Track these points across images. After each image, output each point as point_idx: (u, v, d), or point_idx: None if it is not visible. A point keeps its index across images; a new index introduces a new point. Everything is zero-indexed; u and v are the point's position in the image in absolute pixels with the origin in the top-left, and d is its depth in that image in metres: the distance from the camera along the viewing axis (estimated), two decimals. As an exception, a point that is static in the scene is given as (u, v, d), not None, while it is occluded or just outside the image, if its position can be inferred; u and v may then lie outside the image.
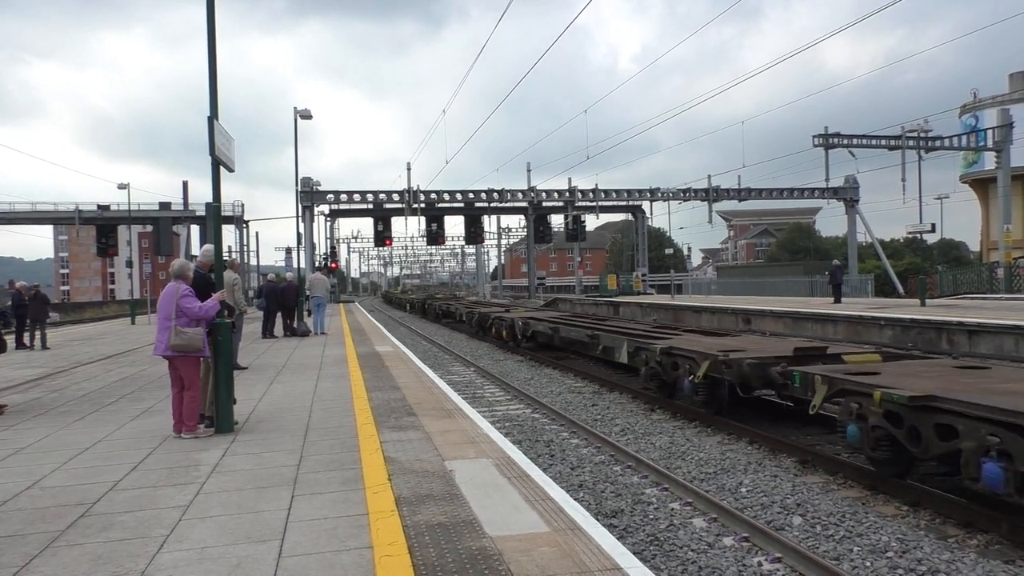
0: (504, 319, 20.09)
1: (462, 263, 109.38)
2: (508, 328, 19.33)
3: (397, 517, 4.22)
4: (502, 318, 20.38)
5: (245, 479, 5.17)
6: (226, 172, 7.18)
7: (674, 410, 10.31)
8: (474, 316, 24.07)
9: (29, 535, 4.12)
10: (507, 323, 19.54)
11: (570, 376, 14.48)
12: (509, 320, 19.49)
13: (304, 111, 25.24)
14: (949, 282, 34.27)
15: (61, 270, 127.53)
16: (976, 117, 46.03)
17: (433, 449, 5.91)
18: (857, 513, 5.88)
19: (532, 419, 10.21)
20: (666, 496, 6.50)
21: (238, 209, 51.67)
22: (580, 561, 3.52)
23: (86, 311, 67.03)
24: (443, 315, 32.44)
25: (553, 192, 45.64)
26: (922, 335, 17.10)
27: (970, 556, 5.00)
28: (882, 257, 45.14)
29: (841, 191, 44.64)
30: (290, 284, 20.50)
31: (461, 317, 26.78)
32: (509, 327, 19.23)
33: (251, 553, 3.74)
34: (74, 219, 47.61)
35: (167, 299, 6.56)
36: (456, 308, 30.52)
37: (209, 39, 6.81)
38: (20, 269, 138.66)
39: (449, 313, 31.99)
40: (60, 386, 10.50)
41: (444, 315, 32.38)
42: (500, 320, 20.41)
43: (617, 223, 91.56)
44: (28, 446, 6.50)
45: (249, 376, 10.96)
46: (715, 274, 74.22)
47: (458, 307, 30.77)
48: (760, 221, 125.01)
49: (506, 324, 19.61)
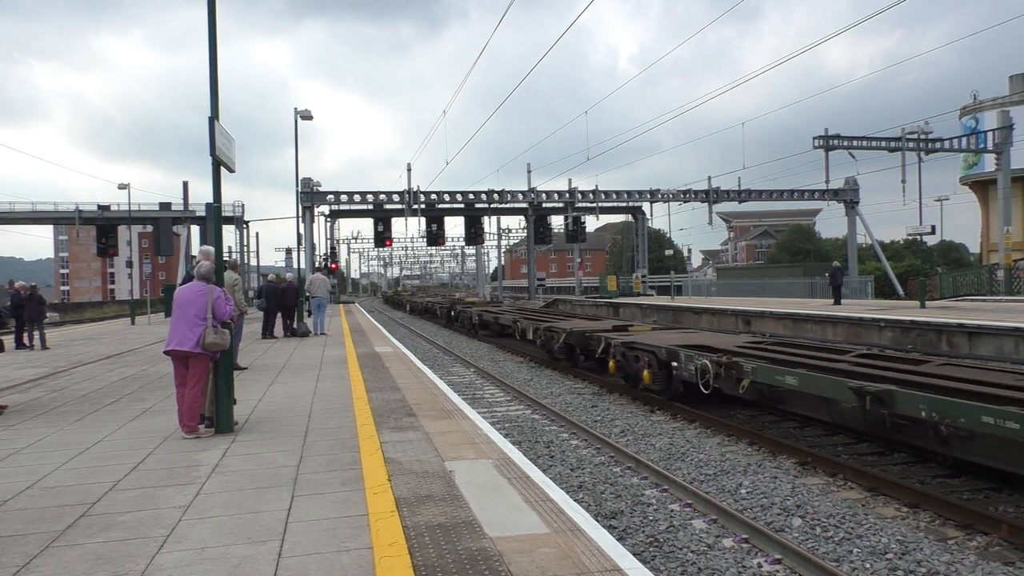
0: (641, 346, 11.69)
1: (462, 264, 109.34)
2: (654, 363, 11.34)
3: (397, 518, 4.22)
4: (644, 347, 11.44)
5: (245, 479, 5.17)
6: (226, 172, 7.18)
7: (674, 411, 10.32)
8: (557, 337, 15.10)
9: (29, 535, 4.12)
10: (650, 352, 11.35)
11: (570, 377, 14.48)
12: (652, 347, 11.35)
13: (304, 112, 25.22)
14: (949, 284, 34.25)
15: (61, 270, 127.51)
16: (976, 119, 46.03)
17: (433, 450, 5.91)
18: (857, 515, 5.88)
19: (532, 420, 10.22)
20: (666, 497, 6.51)
21: (238, 209, 51.64)
22: (580, 562, 3.52)
23: (86, 311, 67.12)
24: (481, 326, 24.81)
25: (553, 193, 45.62)
26: (922, 337, 17.10)
27: (970, 558, 5.00)
28: (882, 259, 45.10)
29: (841, 193, 44.61)
30: (290, 284, 20.50)
31: (523, 333, 18.17)
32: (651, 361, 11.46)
33: (251, 553, 3.74)
34: (74, 219, 47.53)
35: (197, 297, 6.59)
36: (511, 320, 20.64)
37: (210, 40, 6.81)
38: (20, 269, 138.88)
39: (487, 324, 24.29)
40: (60, 386, 10.50)
41: (482, 326, 24.68)
42: (637, 349, 11.64)
43: (617, 224, 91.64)
44: (28, 446, 6.50)
45: (249, 376, 10.96)
46: (715, 275, 74.21)
47: (514, 318, 20.46)
48: (760, 223, 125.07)
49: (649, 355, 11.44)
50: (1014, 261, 32.76)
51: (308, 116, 25.36)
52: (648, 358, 10.85)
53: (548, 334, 15.89)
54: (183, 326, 6.54)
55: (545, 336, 16.07)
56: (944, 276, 36.51)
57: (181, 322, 6.56)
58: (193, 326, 6.51)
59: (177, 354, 6.64)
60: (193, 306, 6.57)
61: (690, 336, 12.76)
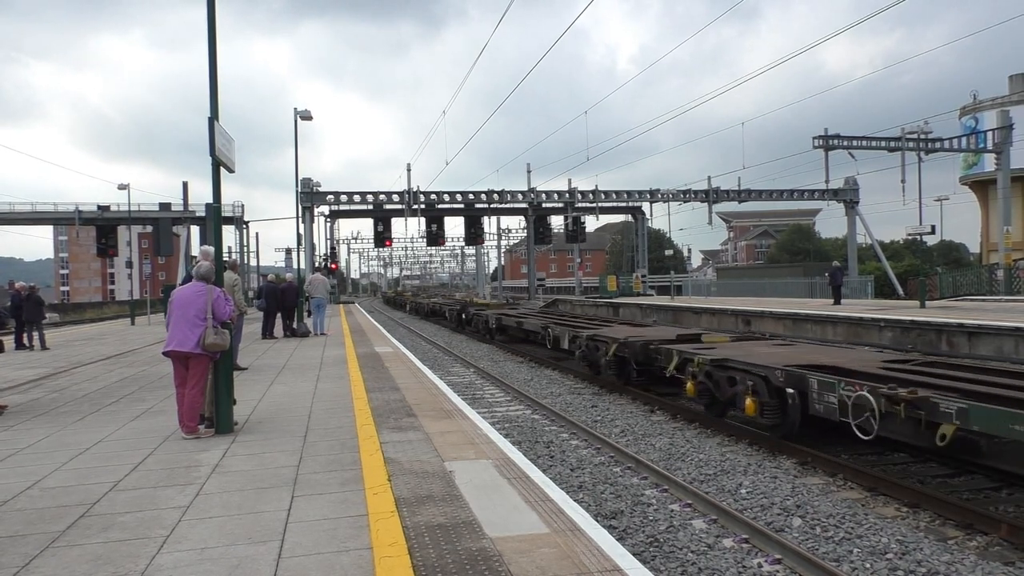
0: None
1: (462, 264, 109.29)
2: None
3: (397, 518, 4.22)
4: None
5: (245, 480, 5.17)
6: (226, 173, 7.17)
7: (674, 411, 10.32)
8: (604, 348, 12.39)
9: (29, 535, 4.12)
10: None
11: (570, 377, 14.48)
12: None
13: (304, 112, 25.22)
14: (949, 284, 34.25)
15: (61, 270, 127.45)
16: (976, 119, 46.04)
17: (433, 450, 5.91)
18: (857, 514, 5.88)
19: (532, 420, 10.22)
20: (666, 497, 6.51)
21: (238, 210, 51.65)
22: (580, 562, 3.52)
23: (86, 311, 67.07)
24: (498, 331, 22.14)
25: (553, 193, 45.62)
26: (922, 337, 17.11)
27: (970, 558, 5.00)
28: (882, 259, 45.11)
29: (841, 192, 44.62)
30: (290, 285, 20.50)
31: (555, 342, 15.61)
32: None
33: (251, 554, 3.74)
34: (74, 219, 47.51)
35: (197, 297, 6.58)
36: (539, 325, 17.54)
37: (209, 40, 6.81)
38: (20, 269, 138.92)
39: (505, 329, 21.55)
40: (60, 386, 10.50)
41: (499, 331, 22.11)
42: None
43: (617, 224, 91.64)
44: (28, 446, 6.50)
45: (249, 377, 10.96)
46: (715, 275, 74.22)
47: (544, 324, 17.30)
48: (760, 222, 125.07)
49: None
50: (1014, 261, 32.75)
51: (308, 116, 25.36)
52: (753, 382, 8.06)
53: (592, 344, 12.94)
54: (183, 327, 6.53)
55: (588, 347, 13.08)
56: (944, 276, 36.52)
57: (181, 323, 6.55)
58: (193, 327, 6.51)
59: (177, 355, 6.64)
60: (193, 307, 6.56)
61: (799, 352, 9.57)
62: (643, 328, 14.90)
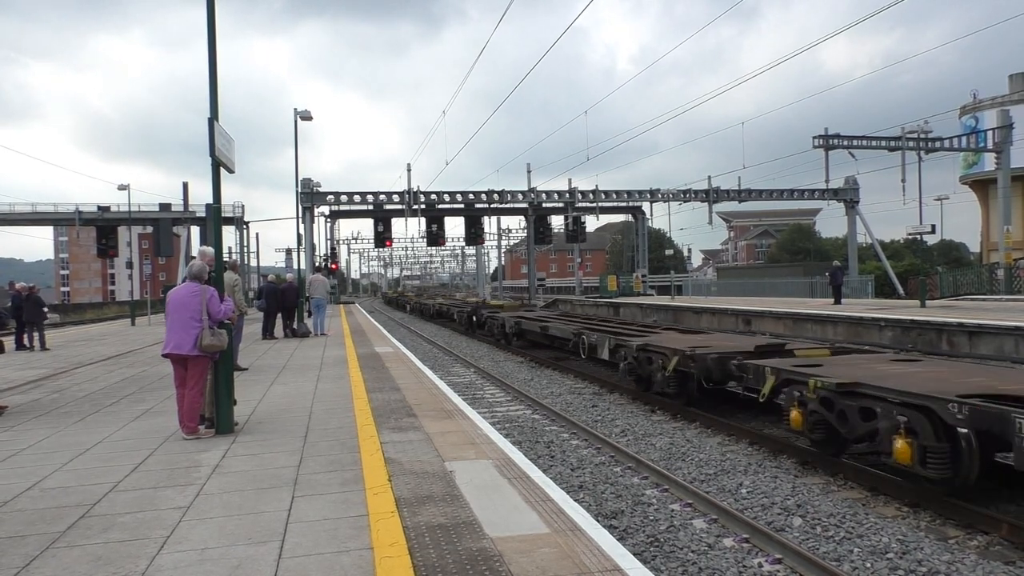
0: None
1: (462, 264, 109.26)
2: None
3: (397, 518, 4.22)
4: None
5: (245, 480, 5.17)
6: (226, 173, 7.17)
7: (674, 411, 10.31)
8: (661, 360, 10.32)
9: (29, 536, 4.12)
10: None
11: (570, 377, 14.48)
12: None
13: (304, 112, 25.23)
14: (949, 283, 34.26)
15: (61, 271, 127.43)
16: (976, 118, 46.05)
17: (433, 450, 5.91)
18: (857, 514, 5.88)
19: (532, 420, 10.22)
20: (666, 497, 6.51)
21: (238, 210, 51.66)
22: (580, 562, 3.52)
23: (86, 312, 67.08)
24: (516, 335, 19.42)
25: (553, 193, 45.61)
26: (922, 336, 17.10)
27: (970, 557, 5.00)
28: (882, 258, 45.11)
29: (841, 192, 44.60)
30: (290, 285, 20.50)
31: (592, 350, 13.29)
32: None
33: (251, 554, 3.74)
34: (74, 220, 47.50)
35: (191, 299, 6.56)
36: (571, 331, 14.83)
37: (209, 40, 6.81)
38: (20, 270, 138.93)
39: (523, 334, 19.04)
40: (61, 387, 10.50)
41: (517, 335, 19.34)
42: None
43: (617, 224, 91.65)
44: (29, 447, 6.50)
45: (249, 377, 10.96)
46: (715, 275, 74.21)
47: (576, 329, 14.63)
48: (760, 222, 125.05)
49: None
50: (1014, 260, 32.74)
51: (308, 116, 25.37)
52: (908, 418, 5.87)
53: (643, 356, 10.75)
54: (179, 329, 6.54)
55: (638, 359, 10.86)
56: (944, 275, 36.53)
57: (177, 325, 6.55)
58: (189, 328, 6.50)
59: (175, 357, 6.64)
60: (188, 308, 6.55)
61: (946, 372, 7.33)
62: (701, 336, 12.38)
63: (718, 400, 10.12)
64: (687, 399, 9.89)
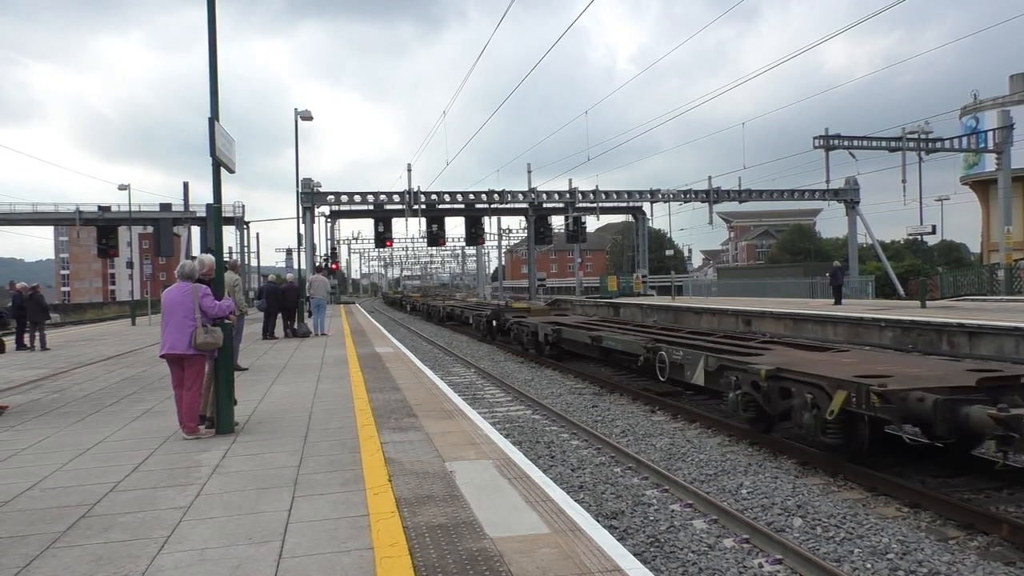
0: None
1: (462, 264, 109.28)
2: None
3: (398, 518, 4.22)
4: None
5: (246, 480, 5.17)
6: (226, 173, 7.17)
7: (675, 411, 10.31)
8: (814, 401, 6.96)
9: (30, 536, 4.12)
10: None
11: (570, 377, 14.47)
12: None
13: (304, 112, 25.24)
14: (950, 284, 34.25)
15: (62, 271, 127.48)
16: (977, 119, 46.02)
17: (433, 450, 5.91)
18: (858, 515, 5.88)
19: (533, 420, 10.22)
20: (667, 497, 6.50)
21: (239, 210, 51.70)
22: (581, 562, 3.52)
23: (87, 312, 67.12)
24: (549, 344, 16.12)
25: (554, 193, 45.63)
26: (922, 337, 17.10)
27: (971, 558, 4.99)
28: (883, 259, 45.11)
29: (841, 192, 44.60)
30: (290, 285, 20.51)
31: (710, 378, 9.19)
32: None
33: (251, 554, 3.74)
34: (75, 220, 47.55)
35: (185, 298, 6.56)
36: (640, 343, 11.47)
37: (210, 41, 6.81)
38: (21, 270, 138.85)
39: (557, 343, 15.82)
40: (61, 387, 10.50)
41: (552, 345, 16.02)
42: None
43: (617, 224, 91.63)
44: (29, 447, 6.50)
45: (249, 377, 10.96)
46: (715, 275, 74.21)
47: (650, 345, 11.10)
48: (761, 223, 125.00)
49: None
50: (1015, 261, 32.73)
51: (308, 116, 25.39)
52: None
53: (776, 386, 7.49)
54: (173, 329, 6.54)
55: (766, 390, 7.61)
56: (944, 276, 36.51)
57: (171, 325, 6.56)
58: (183, 328, 6.51)
59: (172, 357, 6.64)
60: (181, 308, 6.55)
61: None
62: (847, 355, 8.91)
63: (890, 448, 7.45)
64: (856, 451, 6.74)
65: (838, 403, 6.48)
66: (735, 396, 8.20)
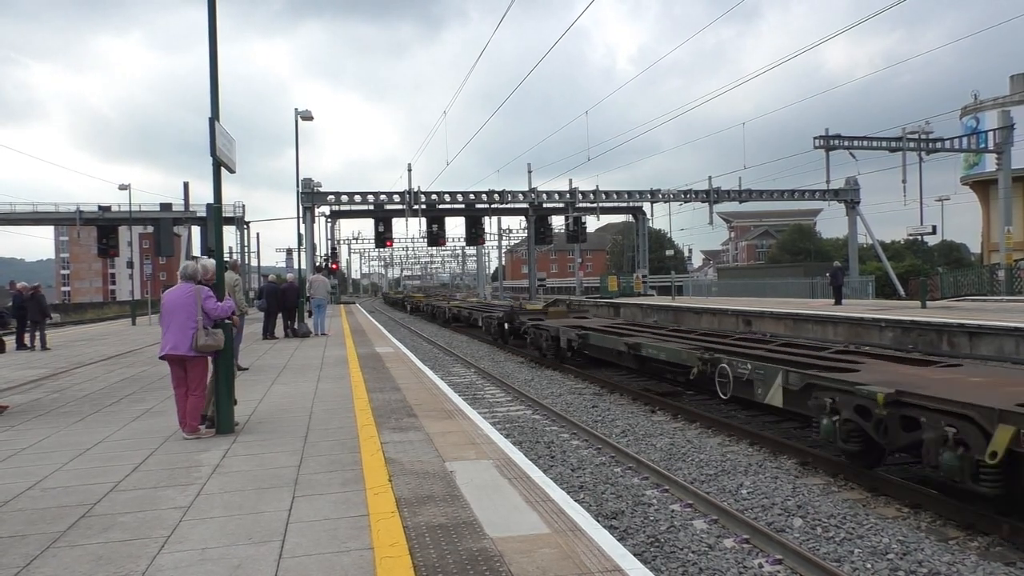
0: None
1: (463, 264, 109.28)
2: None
3: (398, 518, 4.22)
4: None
5: (246, 480, 5.17)
6: (226, 173, 7.17)
7: (675, 411, 10.30)
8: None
9: (30, 536, 4.12)
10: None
11: (570, 377, 14.47)
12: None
13: (305, 112, 25.26)
14: (950, 284, 34.24)
15: (62, 271, 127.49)
16: (977, 119, 46.01)
17: (434, 450, 5.91)
18: (858, 515, 5.88)
19: (533, 420, 10.21)
20: (667, 497, 6.50)
21: (239, 210, 51.68)
22: (581, 562, 3.52)
23: (87, 312, 67.14)
24: (571, 351, 14.68)
25: (554, 193, 45.65)
26: (923, 337, 17.10)
27: (971, 558, 4.99)
28: (883, 259, 45.11)
29: (842, 193, 44.60)
30: (291, 285, 20.51)
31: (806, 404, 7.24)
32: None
33: (252, 554, 3.74)
34: (75, 220, 47.53)
35: (188, 300, 6.55)
36: (695, 353, 9.71)
37: (210, 41, 6.81)
38: (21, 270, 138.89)
39: (582, 350, 14.25)
40: (61, 387, 10.50)
41: (575, 352, 14.59)
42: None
43: (618, 224, 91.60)
44: (29, 447, 6.50)
45: (250, 377, 10.96)
46: (716, 275, 74.22)
47: (704, 357, 9.48)
48: (761, 223, 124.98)
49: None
50: (1015, 261, 32.73)
51: (308, 116, 25.40)
52: None
53: (896, 414, 5.91)
54: (175, 330, 6.54)
55: (881, 419, 6.03)
56: (945, 276, 36.49)
57: (173, 326, 6.56)
58: (185, 329, 6.50)
59: (173, 358, 6.65)
60: (183, 310, 6.55)
61: None
62: (983, 376, 7.00)
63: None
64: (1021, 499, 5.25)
65: (1003, 442, 4.90)
66: (830, 423, 6.61)
